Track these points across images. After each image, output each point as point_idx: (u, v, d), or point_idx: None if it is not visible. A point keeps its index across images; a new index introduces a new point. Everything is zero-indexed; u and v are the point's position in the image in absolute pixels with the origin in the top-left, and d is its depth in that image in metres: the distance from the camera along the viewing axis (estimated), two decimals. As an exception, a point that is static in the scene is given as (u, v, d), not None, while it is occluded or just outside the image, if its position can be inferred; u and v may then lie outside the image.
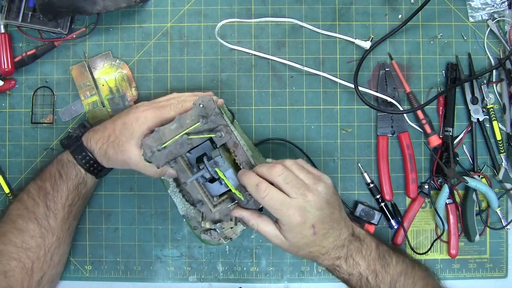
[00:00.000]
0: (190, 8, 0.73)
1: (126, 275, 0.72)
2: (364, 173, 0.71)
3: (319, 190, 0.54)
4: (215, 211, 0.60)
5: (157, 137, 0.58)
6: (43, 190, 0.62)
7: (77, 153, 0.63)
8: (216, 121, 0.58)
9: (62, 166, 0.63)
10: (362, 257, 0.58)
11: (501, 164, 0.71)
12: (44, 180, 0.63)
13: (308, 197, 0.53)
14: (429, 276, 0.62)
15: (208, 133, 0.58)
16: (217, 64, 0.72)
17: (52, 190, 0.62)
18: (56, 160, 0.64)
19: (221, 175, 0.56)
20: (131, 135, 0.59)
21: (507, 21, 0.71)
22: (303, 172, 0.55)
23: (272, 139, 0.72)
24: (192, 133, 0.58)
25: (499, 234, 0.72)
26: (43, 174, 0.64)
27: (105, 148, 0.61)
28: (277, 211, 0.53)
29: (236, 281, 0.72)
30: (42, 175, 0.64)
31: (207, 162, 0.57)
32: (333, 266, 0.58)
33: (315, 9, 0.72)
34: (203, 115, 0.58)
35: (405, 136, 0.71)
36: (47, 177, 0.63)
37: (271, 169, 0.54)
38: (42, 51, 0.71)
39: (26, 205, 0.62)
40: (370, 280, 0.58)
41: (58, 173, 0.63)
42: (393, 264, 0.59)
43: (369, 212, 0.71)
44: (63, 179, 0.63)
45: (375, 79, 0.72)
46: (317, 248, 0.56)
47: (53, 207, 0.62)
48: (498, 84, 0.71)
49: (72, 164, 0.63)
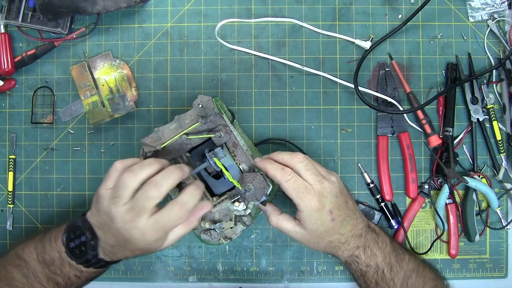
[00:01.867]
0: (190, 8, 0.73)
1: (126, 275, 0.72)
2: (364, 173, 0.71)
3: (333, 179, 0.57)
4: (215, 211, 0.60)
5: (157, 137, 0.58)
6: (53, 281, 0.58)
7: (99, 266, 0.58)
8: (215, 121, 0.58)
9: (81, 273, 0.59)
10: (378, 248, 0.60)
11: (501, 164, 0.71)
12: (54, 273, 0.58)
13: (325, 184, 0.56)
14: (439, 278, 0.64)
15: (207, 133, 0.58)
16: (217, 64, 0.72)
17: (65, 284, 0.59)
18: (69, 265, 0.58)
19: (219, 164, 0.56)
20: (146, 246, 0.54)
21: (507, 21, 0.71)
22: (316, 164, 0.58)
23: (272, 139, 0.72)
24: (192, 133, 0.58)
25: (499, 234, 0.72)
26: (51, 267, 0.58)
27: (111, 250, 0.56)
28: (298, 195, 0.55)
29: (236, 281, 0.72)
30: (50, 267, 0.58)
31: (207, 153, 0.57)
32: (352, 258, 0.59)
33: (315, 9, 0.72)
34: (203, 115, 0.58)
35: (405, 136, 0.71)
36: (57, 272, 0.58)
37: (293, 156, 0.57)
38: (42, 51, 0.71)
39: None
40: (385, 273, 0.59)
41: (76, 277, 0.59)
42: (406, 261, 0.61)
43: (369, 212, 0.71)
44: (82, 279, 0.59)
45: (375, 79, 0.72)
46: (337, 236, 0.58)
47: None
48: (498, 84, 0.71)
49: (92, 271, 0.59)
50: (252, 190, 0.57)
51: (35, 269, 0.59)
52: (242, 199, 0.58)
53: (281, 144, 0.72)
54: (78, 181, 0.73)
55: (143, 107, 0.72)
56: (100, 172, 0.72)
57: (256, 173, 0.58)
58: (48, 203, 0.72)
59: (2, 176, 0.73)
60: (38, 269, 0.59)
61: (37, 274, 0.59)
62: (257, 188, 0.57)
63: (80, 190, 0.73)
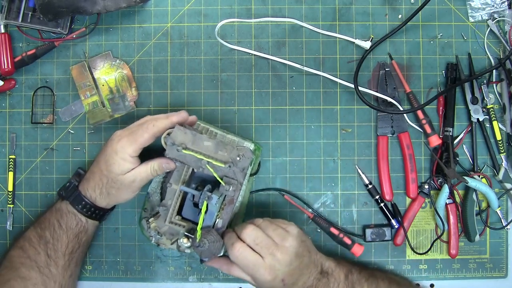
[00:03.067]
0: (190, 8, 0.73)
1: (126, 275, 0.72)
2: (362, 174, 0.71)
3: (287, 246, 0.58)
4: (167, 225, 0.61)
5: (188, 139, 0.59)
6: (43, 239, 0.63)
7: (76, 203, 0.63)
8: (236, 175, 0.59)
9: (61, 216, 0.63)
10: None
11: (501, 164, 0.71)
12: (43, 228, 0.63)
13: (277, 256, 0.57)
14: None
15: (221, 177, 0.59)
16: (217, 64, 0.72)
17: (52, 239, 0.63)
18: (55, 209, 0.65)
19: (203, 209, 0.58)
20: (118, 169, 0.60)
21: (507, 21, 0.71)
22: (271, 227, 0.59)
23: (270, 189, 0.72)
24: (211, 164, 0.59)
25: (499, 234, 0.72)
26: (42, 222, 0.64)
27: (106, 191, 0.62)
28: (249, 270, 0.57)
29: (236, 281, 0.72)
30: (41, 223, 0.64)
31: (205, 191, 0.58)
32: None
33: (315, 9, 0.72)
34: (233, 161, 0.59)
35: (405, 136, 0.71)
36: (46, 225, 0.63)
37: (242, 230, 0.58)
38: (42, 51, 0.71)
39: (28, 253, 0.62)
40: None
41: (58, 223, 0.63)
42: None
43: (378, 232, 0.71)
44: (63, 228, 0.63)
45: (375, 79, 0.72)
46: None
47: (54, 256, 0.62)
48: (498, 84, 0.71)
49: (72, 214, 0.63)
50: (207, 246, 0.57)
51: (29, 234, 0.63)
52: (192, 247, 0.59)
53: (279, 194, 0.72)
54: (78, 181, 0.73)
55: (143, 107, 0.72)
56: (100, 172, 0.72)
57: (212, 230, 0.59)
58: (48, 203, 0.72)
59: (2, 176, 0.73)
60: (32, 233, 0.64)
61: (30, 238, 0.62)
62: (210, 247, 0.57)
63: (80, 190, 0.73)
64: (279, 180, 0.72)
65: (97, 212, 0.64)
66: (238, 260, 0.57)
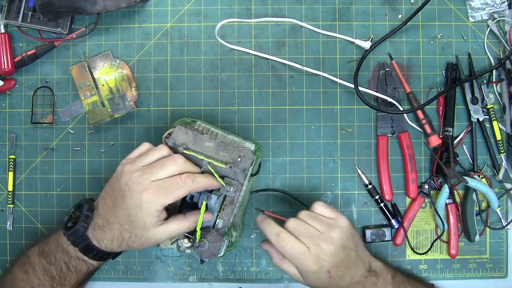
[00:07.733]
0: (190, 8, 0.73)
1: (126, 275, 0.72)
2: (361, 175, 0.71)
3: (333, 237, 0.57)
4: None
5: (189, 139, 0.59)
6: (48, 273, 0.59)
7: (87, 252, 0.58)
8: (237, 175, 0.59)
9: (69, 260, 0.59)
10: None
11: (501, 164, 0.71)
12: (49, 263, 0.59)
13: (322, 245, 0.56)
14: None
15: (221, 177, 0.59)
16: (217, 64, 0.72)
17: (58, 278, 0.59)
18: (61, 248, 0.59)
19: (203, 209, 0.58)
20: (143, 226, 0.55)
21: (507, 21, 0.71)
22: (315, 221, 0.58)
23: (270, 190, 0.72)
24: (212, 165, 0.59)
25: (499, 234, 0.72)
26: (48, 255, 0.60)
27: (127, 245, 0.57)
28: (295, 260, 0.56)
29: (236, 281, 0.72)
30: (47, 256, 0.60)
31: (204, 191, 0.58)
32: None
33: (315, 9, 0.72)
34: (234, 162, 0.59)
35: (405, 136, 0.71)
36: (51, 261, 0.59)
37: (286, 222, 0.57)
38: (42, 51, 0.71)
39: (33, 283, 0.59)
40: None
41: (65, 265, 0.59)
42: None
43: (378, 232, 0.71)
44: (71, 271, 0.59)
45: (375, 79, 0.72)
46: (334, 287, 0.58)
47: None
48: (498, 84, 0.71)
49: (82, 261, 0.59)
50: (206, 246, 0.57)
51: (34, 262, 0.60)
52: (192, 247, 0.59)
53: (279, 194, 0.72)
54: (78, 181, 0.73)
55: (143, 107, 0.72)
56: (100, 172, 0.72)
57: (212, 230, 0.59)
58: (48, 203, 0.72)
59: (2, 176, 0.73)
60: (36, 261, 0.60)
61: (35, 267, 0.60)
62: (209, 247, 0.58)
63: (80, 190, 0.73)
64: (279, 180, 0.72)
65: (111, 257, 0.61)
66: (285, 250, 0.56)
